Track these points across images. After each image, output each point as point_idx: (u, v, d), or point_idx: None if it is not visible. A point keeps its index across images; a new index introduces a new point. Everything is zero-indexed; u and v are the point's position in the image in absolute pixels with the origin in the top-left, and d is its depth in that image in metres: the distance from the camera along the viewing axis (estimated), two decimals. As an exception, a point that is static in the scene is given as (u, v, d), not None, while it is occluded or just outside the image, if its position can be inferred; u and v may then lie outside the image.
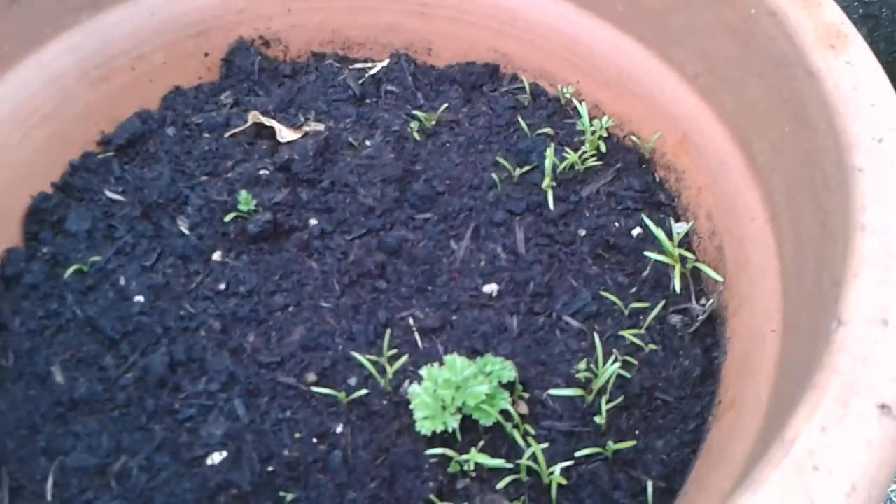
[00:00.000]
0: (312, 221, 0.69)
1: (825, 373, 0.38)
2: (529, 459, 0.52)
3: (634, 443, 0.54)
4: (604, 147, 0.71)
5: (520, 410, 0.56)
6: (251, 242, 0.68)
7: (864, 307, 0.40)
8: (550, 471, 0.51)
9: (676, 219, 0.67)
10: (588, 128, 0.71)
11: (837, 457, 0.35)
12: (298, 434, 0.58)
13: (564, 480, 0.51)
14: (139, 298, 0.65)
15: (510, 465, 0.52)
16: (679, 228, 0.64)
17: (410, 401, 0.55)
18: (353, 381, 0.60)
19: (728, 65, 0.63)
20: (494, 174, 0.70)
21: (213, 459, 0.56)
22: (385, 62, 0.82)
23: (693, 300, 0.62)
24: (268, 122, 0.74)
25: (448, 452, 0.52)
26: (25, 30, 0.71)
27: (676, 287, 0.60)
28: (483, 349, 0.60)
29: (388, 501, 0.53)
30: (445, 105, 0.76)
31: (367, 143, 0.73)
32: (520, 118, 0.74)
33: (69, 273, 0.66)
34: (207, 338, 0.63)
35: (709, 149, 0.65)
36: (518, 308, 0.63)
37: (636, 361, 0.58)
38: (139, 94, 0.79)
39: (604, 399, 0.55)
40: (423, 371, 0.56)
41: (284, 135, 0.73)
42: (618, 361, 0.56)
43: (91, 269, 0.67)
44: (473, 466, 0.53)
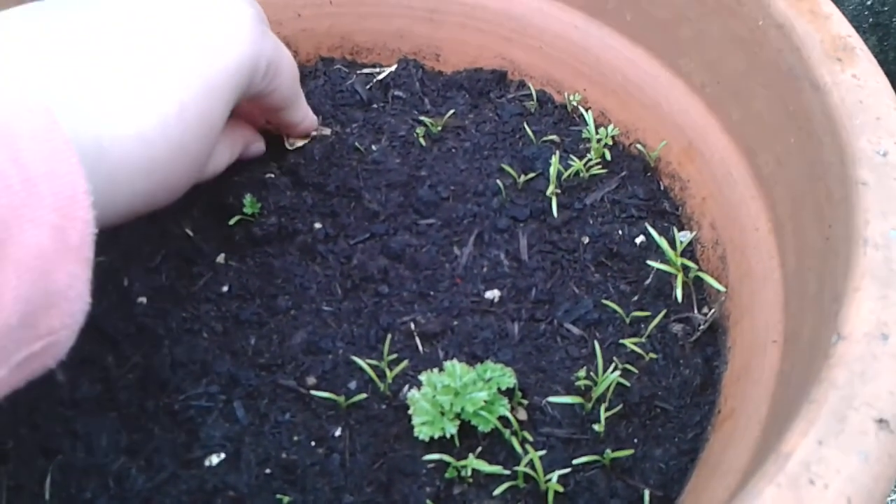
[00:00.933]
0: (317, 225, 0.69)
1: (823, 386, 0.38)
2: (527, 466, 0.51)
3: (632, 451, 0.53)
4: (609, 155, 0.71)
5: (518, 417, 0.56)
6: (255, 245, 0.68)
7: (864, 322, 0.39)
8: (547, 478, 0.51)
9: (680, 227, 0.67)
10: (594, 135, 0.71)
11: (834, 471, 0.35)
12: (297, 437, 0.58)
13: (561, 488, 0.51)
14: (142, 299, 0.65)
15: (507, 472, 0.52)
16: (682, 237, 0.64)
17: (409, 406, 0.55)
18: (353, 385, 0.60)
19: (735, 76, 0.63)
20: (499, 180, 0.70)
21: (212, 461, 0.56)
22: (393, 67, 0.82)
23: (695, 309, 0.61)
24: (275, 131, 0.74)
25: (446, 458, 0.52)
26: None
27: (678, 296, 0.60)
28: (483, 355, 0.60)
29: (385, 506, 0.53)
30: (452, 111, 0.76)
31: (374, 148, 0.74)
32: (526, 125, 0.74)
33: (74, 272, 0.66)
34: (209, 340, 0.63)
35: (714, 158, 0.64)
36: (520, 314, 0.63)
37: (636, 370, 0.58)
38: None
39: (603, 407, 0.55)
40: (423, 377, 0.56)
41: (293, 141, 0.74)
42: (618, 370, 0.56)
43: (94, 270, 0.67)
44: (471, 472, 0.52)
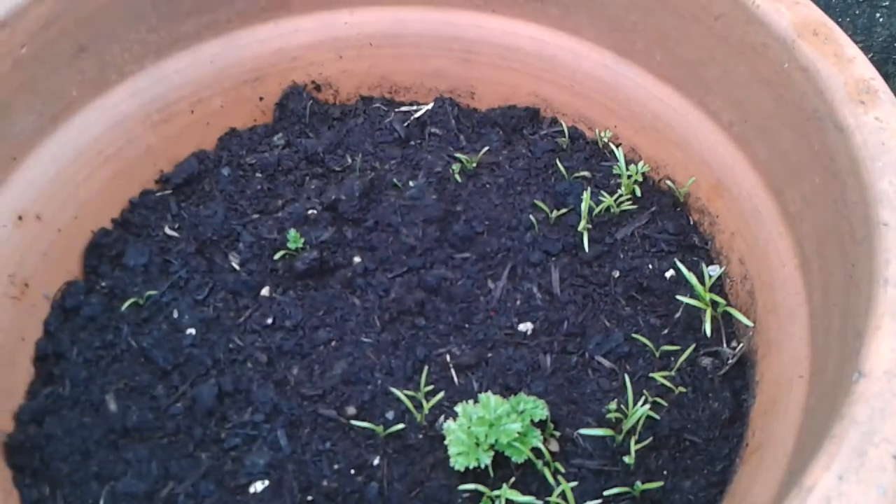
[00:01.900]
0: (356, 259, 0.71)
1: (844, 423, 0.39)
2: (559, 497, 0.53)
3: (662, 483, 0.54)
4: (639, 191, 0.72)
5: (551, 448, 0.57)
6: (298, 279, 0.70)
7: (884, 360, 0.40)
8: (579, 510, 0.52)
9: (709, 262, 0.68)
10: (624, 171, 0.73)
11: (853, 505, 0.36)
12: (337, 465, 0.60)
13: (593, 515, 0.53)
14: (191, 331, 0.68)
15: (540, 502, 0.53)
16: (712, 272, 0.65)
17: (445, 436, 0.57)
18: (391, 415, 0.62)
19: (762, 115, 0.64)
20: (532, 216, 0.72)
21: (256, 488, 0.58)
22: (430, 105, 0.84)
23: (724, 343, 0.62)
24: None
25: (480, 488, 0.54)
26: (93, 76, 0.75)
27: (707, 331, 0.61)
28: (517, 386, 0.61)
29: (422, 533, 0.55)
30: (486, 147, 0.78)
31: (411, 184, 0.76)
32: (558, 161, 0.76)
33: (126, 306, 0.69)
34: (254, 370, 0.66)
35: (742, 195, 0.65)
36: (552, 347, 0.64)
37: (666, 403, 0.59)
38: (197, 136, 0.83)
39: (633, 439, 0.56)
40: (458, 408, 0.57)
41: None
42: (648, 403, 0.57)
43: (146, 302, 0.70)
44: (504, 502, 0.54)
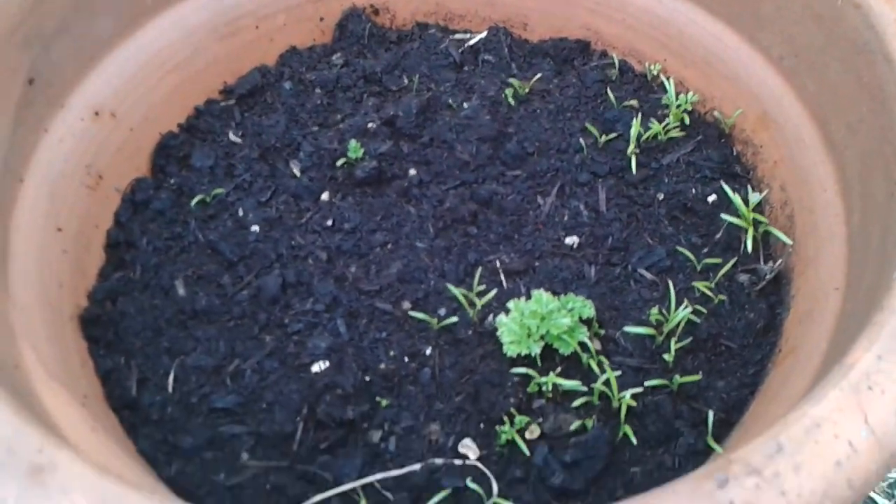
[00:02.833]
0: (412, 172, 0.74)
1: (885, 313, 0.42)
2: (603, 385, 0.56)
3: (699, 377, 0.58)
4: (687, 120, 0.75)
5: (594, 347, 0.61)
6: (356, 186, 0.73)
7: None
8: (621, 395, 0.56)
9: (751, 189, 0.70)
10: (673, 101, 0.75)
11: (891, 380, 0.39)
12: (392, 353, 0.63)
13: (634, 402, 0.56)
14: (255, 228, 0.72)
15: (584, 388, 0.57)
16: (753, 197, 0.68)
17: (497, 328, 0.60)
18: (443, 312, 0.65)
19: (812, 50, 0.66)
20: (581, 139, 0.75)
21: (318, 367, 0.62)
22: (483, 34, 0.87)
23: (761, 262, 0.65)
24: None
25: (530, 372, 0.57)
26: (168, -15, 0.78)
27: (748, 248, 0.64)
28: (562, 292, 0.65)
29: (472, 412, 0.59)
30: (538, 75, 0.81)
31: (465, 106, 0.79)
32: (608, 90, 0.78)
33: (194, 202, 0.73)
34: (315, 266, 0.69)
35: (787, 126, 0.68)
36: (596, 259, 0.67)
37: (705, 311, 0.62)
38: (260, 51, 0.85)
39: (673, 340, 0.59)
40: (511, 304, 0.61)
41: None
42: (688, 308, 0.60)
43: (213, 200, 0.73)
44: (550, 387, 0.57)
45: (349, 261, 0.69)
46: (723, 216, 0.66)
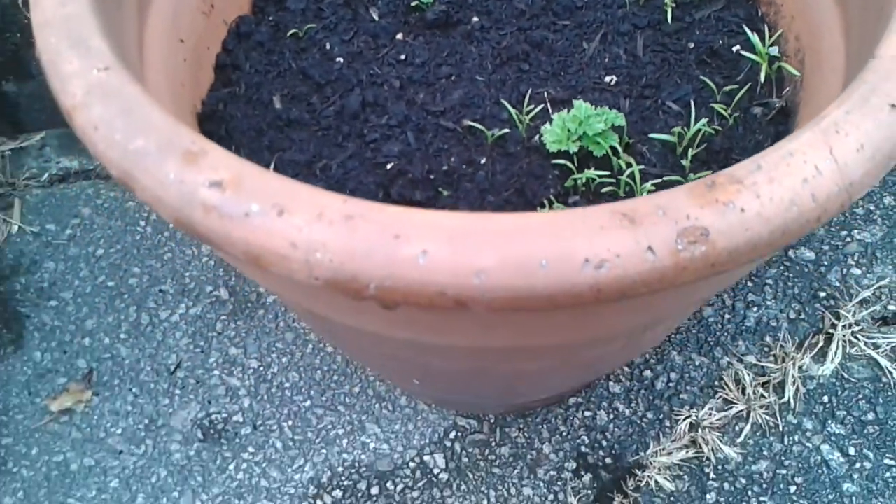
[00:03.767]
0: (475, 19, 0.84)
1: (856, 83, 0.52)
2: (628, 178, 0.67)
3: (709, 172, 0.68)
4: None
5: (623, 154, 0.71)
6: (427, 28, 0.84)
7: (892, 48, 0.53)
8: (643, 186, 0.66)
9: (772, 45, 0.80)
10: (708, -33, 0.84)
11: (854, 127, 0.49)
12: (453, 160, 0.74)
13: (654, 188, 0.67)
14: (339, 59, 0.83)
15: (612, 179, 0.68)
16: (772, 51, 0.77)
17: (542, 134, 0.71)
18: (497, 130, 0.76)
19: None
20: (625, -2, 0.84)
21: (390, 165, 0.74)
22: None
23: (774, 97, 0.75)
24: None
25: (568, 164, 0.68)
26: None
27: (762, 80, 0.74)
28: (600, 116, 0.75)
29: (518, 202, 0.70)
30: (591, -54, 0.90)
31: (524, -31, 0.88)
32: (651, -41, 0.87)
33: (288, 35, 0.84)
34: (389, 91, 0.80)
35: (805, -15, 0.77)
36: (631, 93, 0.77)
37: (720, 128, 0.72)
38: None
39: (690, 149, 0.70)
40: (555, 116, 0.71)
41: None
42: (705, 122, 0.70)
43: (304, 35, 0.85)
44: (584, 182, 0.68)
45: (418, 88, 0.80)
46: (743, 53, 0.75)
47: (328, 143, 0.76)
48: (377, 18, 0.86)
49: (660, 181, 0.67)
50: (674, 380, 1.02)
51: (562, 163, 0.69)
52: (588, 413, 1.00)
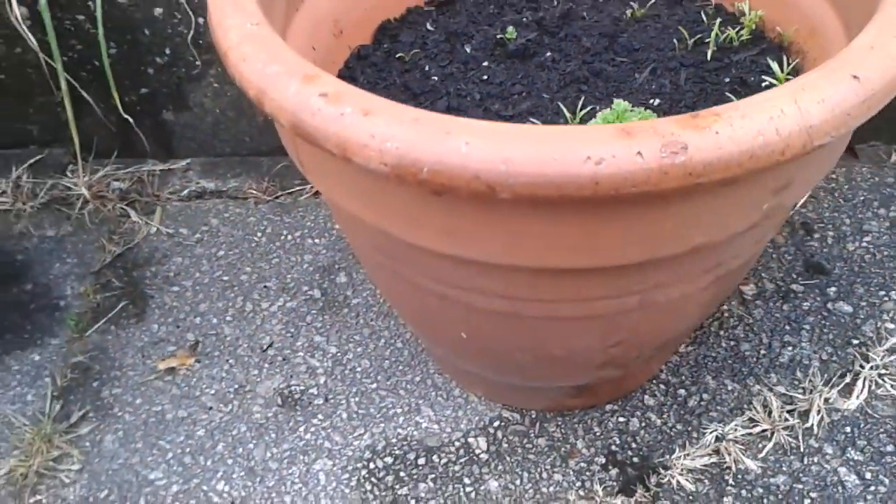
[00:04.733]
0: (548, 53, 1.01)
1: (830, 61, 0.64)
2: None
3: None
4: (755, 34, 0.97)
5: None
6: (507, 58, 1.01)
7: (866, 39, 0.65)
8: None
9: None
10: (747, 16, 0.98)
11: (818, 88, 0.61)
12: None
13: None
14: (435, 77, 1.00)
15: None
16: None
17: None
18: (554, 131, 0.90)
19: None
20: (675, 42, 0.98)
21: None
22: (618, -14, 1.13)
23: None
24: None
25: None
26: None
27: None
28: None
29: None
30: (651, 1, 1.06)
31: (595, 19, 1.05)
32: (702, 15, 1.02)
33: (396, 57, 1.03)
34: (470, 101, 0.96)
35: (827, 35, 0.89)
36: (670, 111, 0.90)
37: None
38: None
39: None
40: (598, 113, 0.85)
41: None
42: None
43: (409, 60, 1.03)
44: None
45: (494, 100, 0.96)
46: (769, 81, 0.88)
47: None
48: (469, 51, 1.03)
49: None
50: (706, 400, 1.08)
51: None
52: (622, 419, 1.07)
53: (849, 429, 1.02)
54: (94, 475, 1.08)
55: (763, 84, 0.91)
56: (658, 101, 0.92)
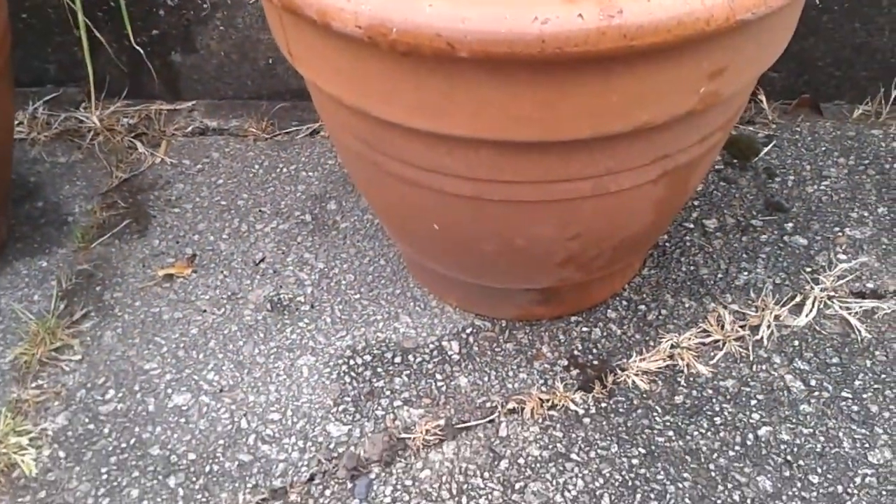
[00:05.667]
0: None
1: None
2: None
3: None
4: None
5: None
6: None
7: None
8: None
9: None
10: None
11: (743, -30, 0.68)
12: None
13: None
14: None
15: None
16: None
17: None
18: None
19: None
20: None
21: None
22: None
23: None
24: None
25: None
26: None
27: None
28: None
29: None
30: None
31: None
32: None
33: None
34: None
35: None
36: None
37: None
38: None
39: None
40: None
41: None
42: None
43: None
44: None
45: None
46: None
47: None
48: None
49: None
50: (664, 315, 1.15)
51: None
52: (585, 329, 1.14)
53: (797, 342, 1.09)
54: (93, 365, 1.15)
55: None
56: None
